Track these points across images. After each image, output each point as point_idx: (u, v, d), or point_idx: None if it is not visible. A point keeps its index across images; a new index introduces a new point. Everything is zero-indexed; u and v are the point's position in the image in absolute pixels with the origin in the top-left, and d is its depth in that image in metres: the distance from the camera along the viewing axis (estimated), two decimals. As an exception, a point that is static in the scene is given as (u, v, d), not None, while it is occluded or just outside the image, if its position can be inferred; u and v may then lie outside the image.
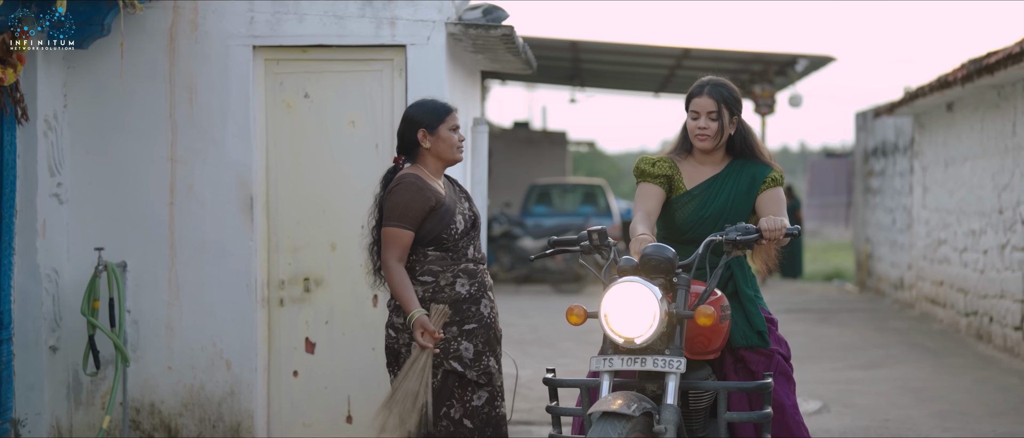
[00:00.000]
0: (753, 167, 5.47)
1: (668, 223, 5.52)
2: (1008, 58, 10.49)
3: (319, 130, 7.05)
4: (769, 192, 5.42)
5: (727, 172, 5.47)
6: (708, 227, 5.37)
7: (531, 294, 19.38)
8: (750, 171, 5.45)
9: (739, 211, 5.39)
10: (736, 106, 5.43)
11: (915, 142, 16.74)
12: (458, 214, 5.53)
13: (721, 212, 5.38)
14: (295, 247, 7.08)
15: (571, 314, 4.91)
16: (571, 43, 19.34)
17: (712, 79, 5.48)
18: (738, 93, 5.48)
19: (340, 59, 7.03)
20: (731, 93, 5.42)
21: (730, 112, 5.40)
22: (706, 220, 5.38)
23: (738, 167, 5.48)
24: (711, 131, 5.38)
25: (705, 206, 5.41)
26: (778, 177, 5.45)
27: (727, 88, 5.43)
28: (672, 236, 5.50)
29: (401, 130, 5.55)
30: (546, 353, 12.23)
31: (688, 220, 5.41)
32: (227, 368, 7.03)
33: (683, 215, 5.43)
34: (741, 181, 5.43)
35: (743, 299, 5.38)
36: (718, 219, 5.36)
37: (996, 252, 12.49)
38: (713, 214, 5.38)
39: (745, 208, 5.41)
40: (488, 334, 5.54)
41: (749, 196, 5.41)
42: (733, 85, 5.48)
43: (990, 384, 10.29)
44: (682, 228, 5.44)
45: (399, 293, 5.37)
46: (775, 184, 5.43)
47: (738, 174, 5.45)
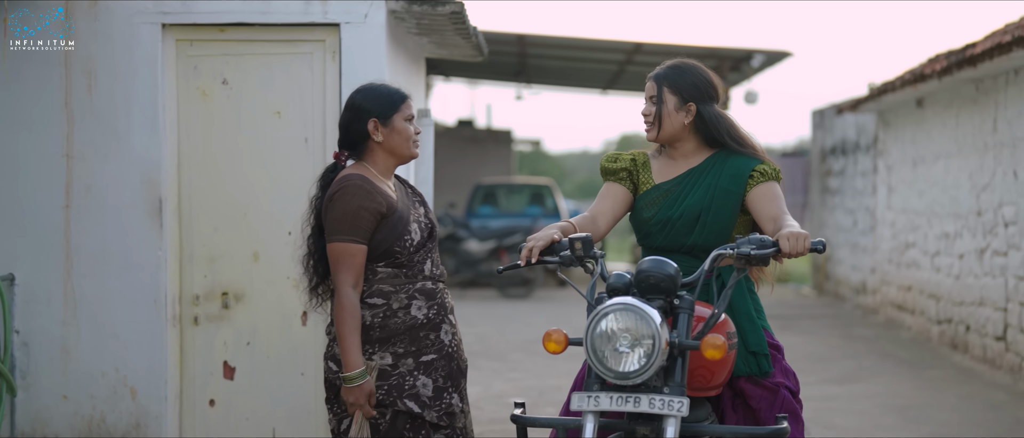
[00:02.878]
0: (737, 160, 4.66)
1: (636, 228, 4.74)
2: (995, 48, 9.73)
3: (239, 122, 6.15)
4: (762, 188, 4.59)
5: (704, 166, 4.68)
6: (680, 231, 4.58)
7: (477, 300, 18.56)
8: (733, 165, 4.64)
9: (719, 211, 4.57)
10: (690, 91, 4.63)
11: (879, 140, 16.03)
12: (413, 222, 4.67)
13: (695, 212, 4.57)
14: (211, 257, 6.18)
15: (549, 340, 4.08)
16: (518, 37, 18.66)
17: (668, 62, 4.73)
18: (702, 77, 4.67)
19: (264, 40, 6.15)
20: (683, 77, 4.64)
21: (680, 97, 4.62)
22: (677, 222, 4.57)
23: (718, 160, 4.68)
24: (652, 116, 4.64)
25: (674, 204, 4.61)
26: (769, 171, 4.63)
27: (677, 70, 4.66)
28: (643, 243, 4.69)
29: (346, 120, 4.69)
30: (495, 366, 11.37)
31: (655, 220, 4.62)
32: (132, 397, 6.13)
33: (649, 214, 4.65)
34: (721, 176, 4.62)
35: (740, 316, 4.57)
36: (693, 220, 4.55)
37: (974, 257, 11.75)
38: (685, 214, 4.57)
39: (726, 208, 4.58)
40: (450, 366, 4.68)
41: (731, 194, 4.59)
42: (698, 68, 4.69)
43: (977, 401, 9.54)
44: (651, 231, 4.64)
45: (344, 336, 4.49)
46: (766, 178, 4.61)
47: (718, 168, 4.65)
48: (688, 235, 4.58)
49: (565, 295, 19.49)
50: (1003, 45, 9.50)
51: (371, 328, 4.57)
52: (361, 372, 4.48)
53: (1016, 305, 10.53)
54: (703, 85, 4.66)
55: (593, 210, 4.74)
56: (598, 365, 3.98)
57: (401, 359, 4.59)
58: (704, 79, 4.67)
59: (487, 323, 15.14)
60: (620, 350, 3.96)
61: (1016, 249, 10.53)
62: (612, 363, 3.96)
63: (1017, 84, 10.51)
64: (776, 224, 4.45)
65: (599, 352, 3.98)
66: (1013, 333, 10.59)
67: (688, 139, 4.69)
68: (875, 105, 15.02)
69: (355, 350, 4.49)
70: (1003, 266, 10.88)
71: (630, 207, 4.76)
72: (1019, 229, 10.46)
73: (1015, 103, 10.56)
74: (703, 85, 4.66)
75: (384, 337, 4.58)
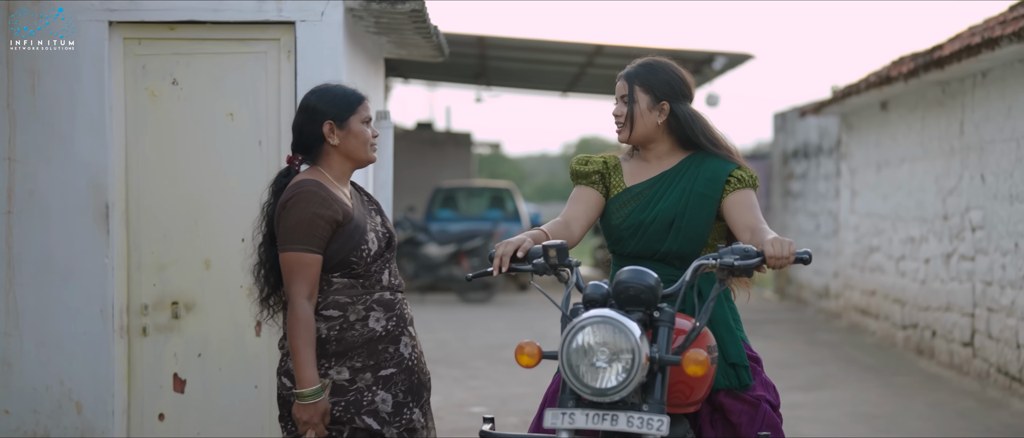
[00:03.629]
0: (713, 163, 4.46)
1: (607, 233, 4.53)
2: (964, 50, 9.58)
3: (190, 124, 5.89)
4: (738, 195, 4.40)
5: (679, 169, 4.48)
6: (653, 236, 4.37)
7: (436, 305, 18.31)
8: (709, 168, 4.44)
9: (694, 217, 4.38)
10: (664, 89, 4.43)
11: (842, 143, 15.91)
12: (370, 231, 4.44)
13: (669, 216, 4.37)
14: (161, 265, 5.91)
15: (522, 353, 3.86)
16: (478, 39, 18.43)
17: (641, 60, 4.53)
18: (675, 75, 4.47)
19: (216, 38, 5.88)
20: (655, 75, 4.44)
21: (653, 96, 4.42)
22: (650, 227, 4.37)
23: (694, 163, 4.48)
24: (624, 116, 4.45)
25: (646, 208, 4.41)
26: (746, 177, 4.44)
27: (649, 68, 4.46)
28: (614, 249, 4.49)
29: (300, 123, 4.45)
30: (455, 374, 11.13)
31: (627, 225, 4.42)
32: (78, 411, 5.85)
33: (620, 218, 4.44)
34: (697, 180, 4.42)
35: (719, 327, 4.37)
36: (666, 226, 4.35)
37: (940, 261, 11.61)
38: (658, 219, 4.37)
39: (702, 213, 4.38)
40: (410, 380, 4.45)
41: (707, 198, 4.39)
42: (671, 66, 4.49)
43: (946, 409, 9.38)
44: (622, 236, 4.44)
45: (298, 350, 4.26)
46: (742, 185, 4.42)
47: (693, 171, 4.45)
48: (661, 241, 4.38)
49: (526, 299, 19.28)
50: (972, 47, 9.35)
51: (327, 341, 4.34)
52: (316, 390, 4.24)
53: (984, 311, 10.39)
54: (676, 83, 4.47)
55: (565, 215, 4.53)
56: (574, 381, 3.76)
57: (359, 374, 4.37)
58: (677, 77, 4.48)
59: (447, 329, 14.92)
60: (597, 365, 3.74)
61: (984, 254, 10.40)
62: (589, 379, 3.74)
63: (985, 87, 10.38)
64: (753, 234, 4.26)
65: (575, 367, 3.76)
66: (981, 339, 10.45)
67: (662, 140, 4.49)
68: (839, 108, 14.89)
69: (310, 365, 4.26)
70: (971, 271, 10.74)
71: (603, 211, 4.55)
72: (987, 234, 10.33)
73: (982, 106, 10.43)
74: (676, 83, 4.47)
75: (340, 351, 4.36)
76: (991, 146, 10.21)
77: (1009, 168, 9.79)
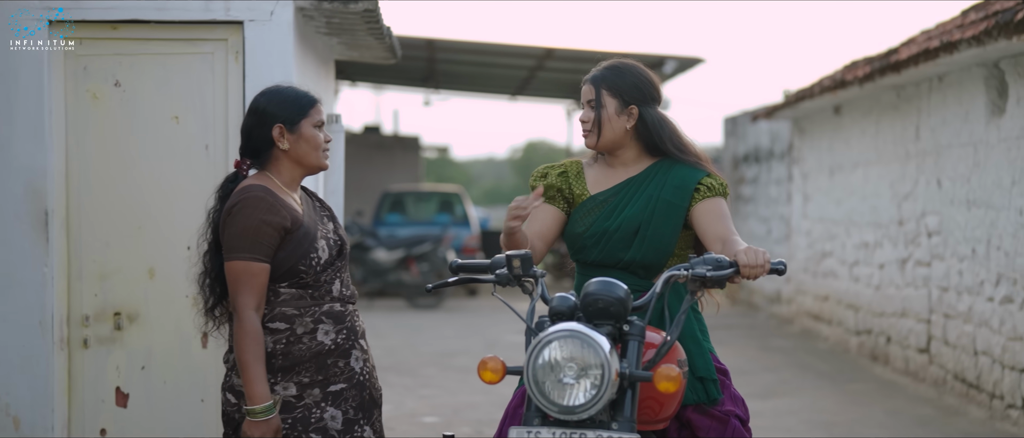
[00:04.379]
0: (681, 170, 4.31)
1: (569, 242, 4.37)
2: (921, 54, 9.49)
3: (134, 127, 5.66)
4: (708, 204, 4.26)
5: (646, 176, 4.33)
6: (617, 245, 4.22)
7: (385, 310, 18.09)
8: (677, 175, 4.29)
9: (661, 225, 4.22)
10: (632, 93, 4.28)
11: (794, 147, 15.83)
12: (321, 239, 4.24)
13: (634, 224, 4.22)
14: (103, 274, 5.68)
15: (485, 369, 3.68)
16: (427, 42, 18.27)
17: (607, 62, 4.36)
18: (642, 77, 4.33)
19: (161, 38, 5.66)
20: (622, 78, 4.29)
21: (621, 100, 4.27)
22: (614, 235, 4.21)
23: (662, 169, 4.33)
24: (592, 122, 4.29)
25: (611, 215, 4.25)
26: (715, 185, 4.30)
27: (616, 71, 4.31)
28: (577, 258, 4.33)
29: (248, 126, 4.25)
30: (406, 382, 10.93)
31: (590, 233, 4.26)
32: (16, 427, 5.61)
33: (584, 226, 4.28)
34: (665, 187, 4.28)
35: (686, 339, 4.23)
36: (631, 234, 4.19)
37: (895, 266, 11.53)
38: (624, 227, 4.21)
39: (669, 222, 4.23)
40: (361, 396, 4.26)
41: (675, 207, 4.24)
42: (638, 68, 4.34)
43: (904, 416, 9.28)
44: (585, 245, 4.27)
45: (248, 365, 4.05)
46: (712, 193, 4.27)
47: (661, 178, 4.30)
48: (625, 249, 4.22)
49: (476, 305, 19.10)
50: (930, 51, 9.26)
51: (273, 355, 4.13)
52: (268, 406, 4.04)
53: (940, 317, 10.31)
54: (645, 86, 4.31)
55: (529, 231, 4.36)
56: (540, 398, 3.58)
57: (307, 389, 4.16)
58: (645, 79, 4.32)
59: (396, 335, 14.70)
60: (565, 381, 3.57)
61: (940, 259, 10.32)
62: (556, 396, 3.57)
63: (941, 91, 10.30)
64: (724, 245, 4.11)
65: (541, 383, 3.58)
66: (937, 345, 10.37)
67: (629, 146, 4.33)
68: (791, 112, 14.81)
69: (260, 381, 4.05)
70: (926, 277, 10.66)
71: (563, 227, 4.39)
72: (943, 239, 10.25)
73: (939, 110, 10.35)
74: (645, 86, 4.31)
75: (287, 365, 4.15)
76: (948, 151, 10.13)
77: (966, 173, 9.71)
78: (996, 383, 9.02)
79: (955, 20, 10.51)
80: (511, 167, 78.08)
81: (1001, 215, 8.97)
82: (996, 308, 9.05)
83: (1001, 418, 8.85)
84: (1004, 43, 8.09)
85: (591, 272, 4.23)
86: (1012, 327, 8.73)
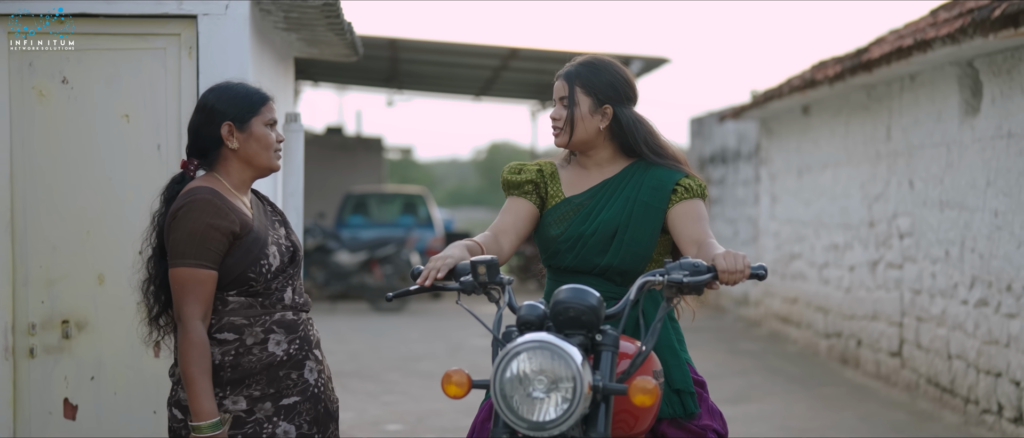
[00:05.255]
0: (659, 171, 4.12)
1: (542, 246, 4.15)
2: (894, 53, 9.32)
3: (82, 126, 5.40)
4: (685, 206, 4.07)
5: (622, 177, 4.13)
6: (593, 249, 4.02)
7: (347, 314, 17.81)
8: (655, 176, 4.10)
9: (638, 229, 4.02)
10: (606, 92, 4.09)
11: (761, 148, 15.67)
12: (272, 244, 4.01)
13: (611, 228, 4.02)
14: (50, 280, 5.41)
15: (449, 383, 3.46)
16: (390, 41, 18.02)
17: (582, 58, 4.17)
18: (618, 76, 4.13)
19: (110, 33, 5.40)
20: (597, 75, 4.10)
21: (595, 99, 4.07)
22: (590, 239, 4.02)
23: (638, 171, 4.14)
24: (563, 120, 4.08)
25: (587, 219, 4.06)
26: (693, 186, 4.10)
27: (591, 68, 4.12)
28: (550, 264, 4.11)
29: (196, 124, 4.05)
30: (369, 388, 10.69)
31: (564, 238, 4.06)
32: (-43, 441, 5.34)
33: (557, 231, 4.08)
34: (642, 189, 4.09)
35: (663, 349, 4.04)
36: (607, 238, 3.99)
37: (866, 269, 11.37)
38: (599, 230, 4.02)
39: (646, 225, 4.03)
40: (316, 409, 4.03)
41: (652, 210, 4.05)
42: (614, 66, 4.15)
43: (877, 421, 9.11)
44: (559, 250, 4.07)
45: (193, 379, 3.83)
46: (690, 194, 4.08)
47: (638, 179, 4.11)
48: (602, 255, 4.01)
49: (441, 308, 18.85)
50: (903, 50, 9.09)
51: (221, 368, 3.90)
52: (214, 423, 3.80)
53: (913, 320, 10.15)
54: (620, 84, 4.11)
55: (495, 228, 4.17)
56: (508, 413, 3.35)
57: (257, 403, 3.93)
58: (621, 78, 4.12)
59: (359, 339, 14.45)
60: (534, 396, 3.34)
61: (912, 262, 10.16)
62: (525, 411, 3.34)
63: (913, 91, 10.14)
64: (701, 249, 3.91)
65: (509, 398, 3.35)
66: (909, 349, 10.21)
67: (603, 146, 4.13)
68: (759, 112, 14.64)
69: (206, 395, 3.81)
70: (898, 279, 10.50)
71: (536, 224, 4.18)
72: (916, 241, 10.09)
73: (911, 110, 10.19)
74: (620, 84, 4.11)
75: (236, 378, 3.92)
76: (920, 151, 9.97)
77: (939, 174, 9.55)
78: (971, 387, 8.86)
79: (925, 19, 10.37)
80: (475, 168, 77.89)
81: (975, 216, 8.81)
82: (971, 311, 8.89)
83: (976, 423, 8.69)
84: (980, 41, 7.93)
85: (564, 278, 4.03)
86: (987, 330, 8.57)
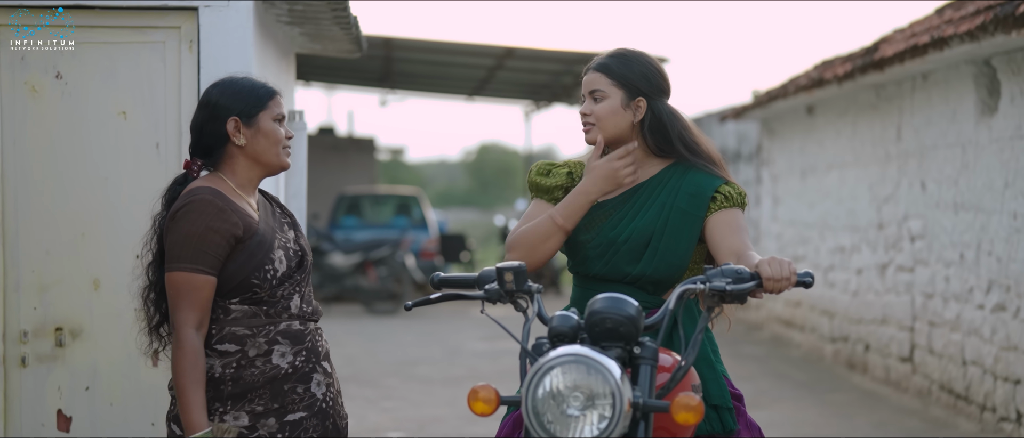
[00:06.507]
0: (697, 176, 3.86)
1: (570, 253, 3.91)
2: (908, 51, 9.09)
3: (77, 124, 5.16)
4: (724, 215, 3.82)
5: (659, 181, 3.88)
6: (625, 258, 3.78)
7: (342, 316, 17.54)
8: (692, 182, 3.85)
9: (675, 237, 3.78)
10: (640, 84, 3.84)
11: (763, 149, 15.45)
12: (278, 248, 3.76)
13: (645, 236, 3.78)
14: (43, 285, 5.16)
15: (476, 399, 3.20)
16: (384, 40, 17.77)
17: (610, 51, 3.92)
18: (652, 67, 3.89)
19: (106, 26, 5.16)
20: (629, 67, 3.85)
21: (627, 91, 3.82)
22: (622, 247, 3.78)
23: (676, 174, 3.89)
24: (595, 116, 3.83)
25: (620, 225, 3.81)
26: (734, 194, 3.86)
27: (622, 59, 3.86)
28: (577, 271, 3.90)
29: (199, 121, 3.82)
30: (367, 394, 10.43)
31: (594, 244, 3.82)
32: (-55, 455, 5.09)
33: (587, 236, 3.84)
34: (679, 195, 3.84)
35: (699, 363, 3.81)
36: (641, 246, 3.75)
37: (874, 272, 11.14)
38: (633, 238, 3.78)
39: (684, 234, 3.79)
40: (324, 425, 3.79)
41: (690, 217, 3.81)
42: (646, 57, 3.90)
43: (890, 428, 8.89)
44: (588, 256, 3.83)
45: (183, 390, 3.60)
46: (730, 203, 3.84)
47: (675, 184, 3.87)
48: (634, 263, 3.77)
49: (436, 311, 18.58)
50: (918, 47, 8.86)
51: (222, 381, 3.66)
52: (206, 434, 3.55)
53: (924, 324, 9.92)
54: (654, 76, 3.87)
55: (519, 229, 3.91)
56: (540, 432, 3.09)
57: (261, 419, 3.69)
58: (655, 69, 3.88)
59: (355, 343, 14.20)
60: (569, 414, 3.09)
61: (924, 265, 9.93)
62: (559, 430, 3.08)
63: (925, 89, 9.91)
64: (740, 260, 3.68)
65: (542, 416, 3.09)
66: (921, 354, 9.98)
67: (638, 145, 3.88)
68: (761, 113, 14.41)
69: (197, 407, 3.57)
70: (909, 283, 10.27)
71: None
72: (928, 244, 9.86)
73: (923, 110, 9.96)
74: (654, 76, 3.87)
75: (238, 392, 3.68)
76: (933, 152, 9.74)
77: (953, 175, 9.32)
78: (987, 394, 8.63)
79: (931, 18, 10.16)
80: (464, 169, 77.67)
81: (992, 219, 8.58)
82: (987, 316, 8.66)
83: (994, 431, 8.46)
84: (1001, 38, 7.70)
85: (592, 286, 3.79)
86: (1005, 336, 8.35)
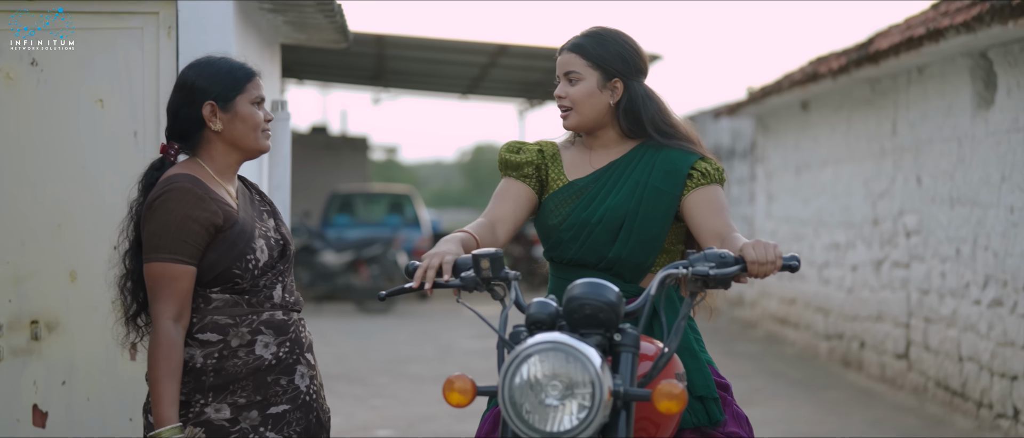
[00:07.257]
0: (671, 153, 3.75)
1: (543, 236, 3.80)
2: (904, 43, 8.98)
3: (53, 111, 5.04)
4: (703, 193, 3.71)
5: (630, 159, 3.77)
6: (599, 240, 3.67)
7: (333, 315, 17.44)
8: (667, 158, 3.74)
9: (649, 217, 3.67)
10: (616, 64, 3.73)
11: (757, 146, 15.35)
12: (259, 237, 3.64)
13: (618, 216, 3.66)
14: (17, 277, 5.05)
15: (451, 389, 3.08)
16: (377, 37, 17.65)
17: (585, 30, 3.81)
18: (628, 46, 3.78)
19: (82, 11, 5.04)
20: (605, 46, 3.74)
21: (603, 71, 3.72)
22: (595, 228, 3.66)
23: (648, 152, 3.77)
24: (571, 98, 3.73)
25: (592, 205, 3.70)
26: (710, 170, 3.74)
27: (598, 39, 3.75)
28: (552, 256, 3.78)
29: (175, 104, 3.70)
30: (357, 391, 10.32)
31: (566, 226, 3.70)
32: (-83, 451, 4.97)
33: (559, 217, 3.72)
34: (653, 172, 3.72)
35: (682, 352, 3.70)
36: (615, 227, 3.64)
37: (870, 268, 11.03)
38: (605, 218, 3.66)
39: (658, 213, 3.68)
40: (307, 418, 3.67)
41: (665, 195, 3.69)
42: (623, 35, 3.79)
43: (886, 426, 8.79)
44: (562, 239, 3.71)
45: (156, 382, 3.50)
46: (708, 180, 3.73)
47: (648, 162, 3.75)
48: (609, 246, 3.65)
49: (428, 309, 18.49)
50: (914, 40, 8.75)
51: (203, 372, 3.54)
52: (176, 427, 3.44)
53: (920, 321, 9.81)
54: (631, 56, 3.75)
55: (489, 215, 3.78)
56: (518, 423, 2.97)
57: (243, 411, 3.57)
58: (631, 49, 3.76)
59: (346, 341, 14.09)
60: (547, 403, 2.97)
61: (920, 261, 9.82)
62: (537, 420, 2.96)
63: (921, 83, 9.81)
64: (724, 242, 3.56)
65: (519, 406, 2.98)
66: (917, 351, 9.87)
67: (611, 125, 3.77)
68: (756, 109, 14.32)
69: (167, 401, 3.45)
70: (905, 279, 10.16)
71: (535, 210, 3.82)
72: (923, 239, 9.75)
73: (918, 104, 9.86)
74: (631, 56, 3.75)
75: (220, 383, 3.56)
76: (928, 146, 9.64)
77: (949, 170, 9.21)
78: (984, 391, 8.52)
79: (926, 12, 10.05)
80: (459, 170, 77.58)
81: (989, 213, 8.48)
82: (984, 311, 8.56)
83: (990, 428, 8.35)
84: (998, 29, 7.60)
85: (568, 273, 3.68)
86: (1002, 332, 8.24)
